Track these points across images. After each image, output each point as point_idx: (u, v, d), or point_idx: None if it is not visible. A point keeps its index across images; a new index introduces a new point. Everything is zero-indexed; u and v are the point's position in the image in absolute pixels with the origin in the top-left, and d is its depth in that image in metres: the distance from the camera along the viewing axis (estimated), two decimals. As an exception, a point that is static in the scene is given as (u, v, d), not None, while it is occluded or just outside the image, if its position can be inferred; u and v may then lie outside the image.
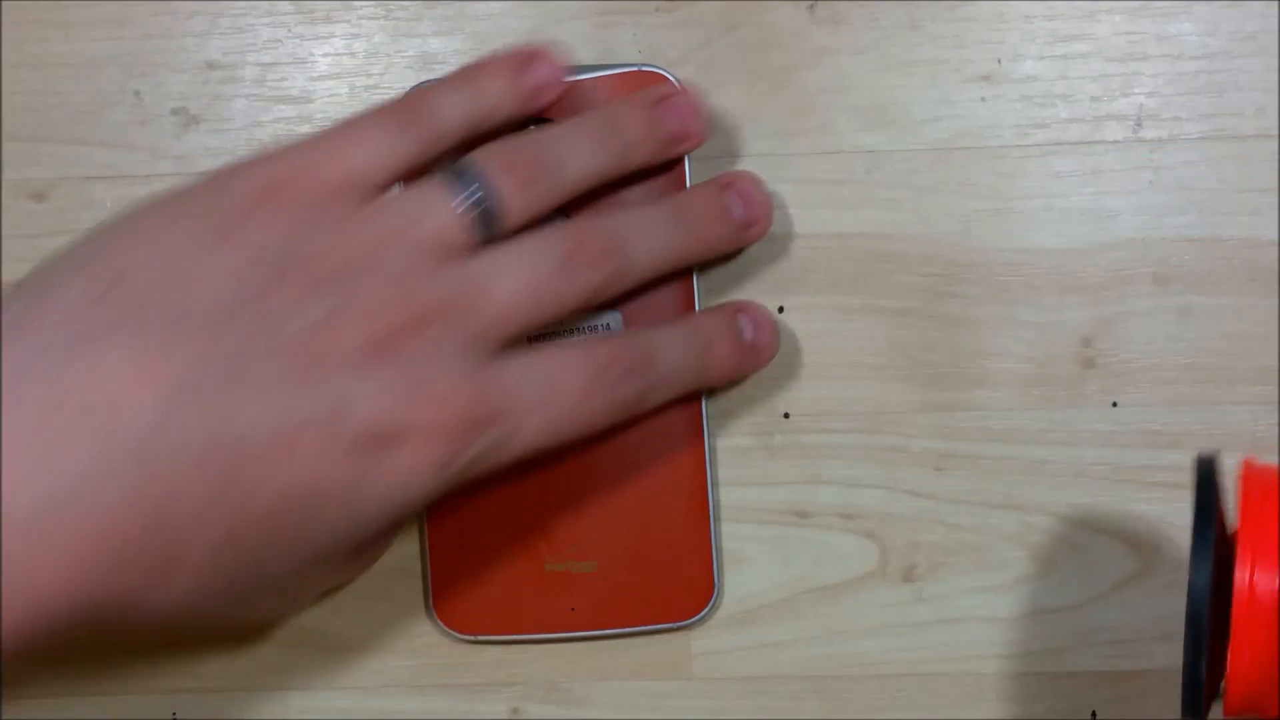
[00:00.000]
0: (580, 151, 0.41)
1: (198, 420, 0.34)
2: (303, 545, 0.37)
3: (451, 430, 0.37)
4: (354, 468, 0.36)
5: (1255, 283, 0.45)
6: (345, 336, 0.36)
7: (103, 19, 0.46)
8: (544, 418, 0.38)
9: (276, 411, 0.35)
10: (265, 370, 0.35)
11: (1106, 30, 0.46)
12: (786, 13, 0.46)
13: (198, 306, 0.36)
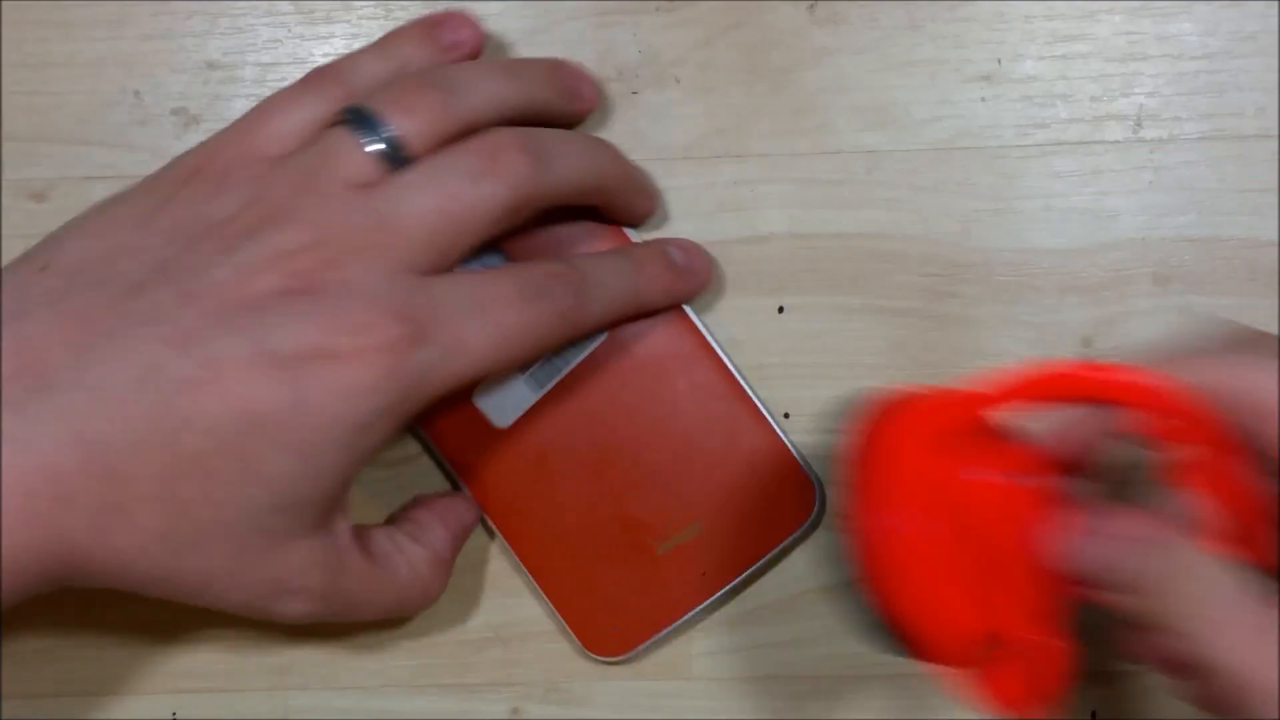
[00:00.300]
0: (478, 78, 0.42)
1: (118, 364, 0.36)
2: (250, 473, 0.37)
3: (379, 347, 0.37)
4: (287, 385, 0.37)
5: (1255, 283, 0.45)
6: (263, 281, 0.37)
7: (103, 19, 0.46)
8: (481, 328, 0.39)
9: (196, 348, 0.37)
10: (182, 316, 0.37)
11: (1106, 30, 0.46)
12: (786, 13, 0.46)
13: (118, 277, 0.38)
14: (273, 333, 0.37)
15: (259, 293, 0.37)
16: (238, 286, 0.37)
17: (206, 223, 0.39)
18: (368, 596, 0.42)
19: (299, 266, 0.38)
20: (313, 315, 0.37)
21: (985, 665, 0.32)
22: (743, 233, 0.46)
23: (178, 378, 0.36)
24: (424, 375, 0.38)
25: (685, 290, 0.45)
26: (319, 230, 0.38)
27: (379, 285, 0.38)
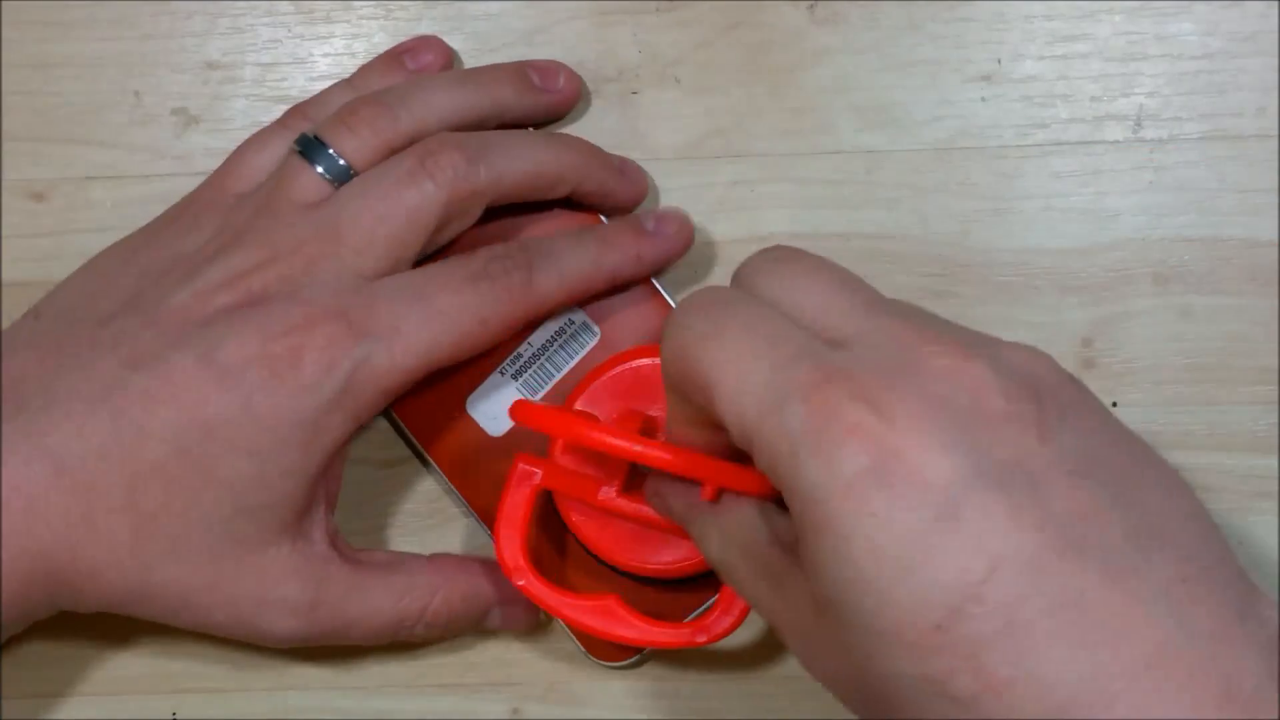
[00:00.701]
0: (424, 89, 0.43)
1: (81, 385, 0.39)
2: (209, 479, 0.39)
3: (316, 345, 0.39)
4: (235, 391, 0.39)
5: (1255, 283, 0.45)
6: (218, 300, 0.40)
7: (103, 19, 0.46)
8: (421, 316, 0.40)
9: (152, 364, 0.39)
10: (141, 339, 0.40)
11: (1106, 30, 0.46)
12: (786, 13, 0.46)
13: (93, 313, 0.41)
14: (219, 344, 0.39)
15: (212, 311, 0.40)
16: (195, 308, 0.40)
17: (177, 257, 0.42)
18: (359, 611, 0.42)
19: (251, 283, 0.40)
20: (255, 324, 0.39)
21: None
22: (743, 233, 0.46)
23: (134, 391, 0.39)
24: (365, 367, 0.40)
25: (655, 253, 0.44)
26: (270, 247, 0.40)
27: (321, 290, 0.40)
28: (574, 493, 0.42)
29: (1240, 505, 0.45)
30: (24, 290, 0.46)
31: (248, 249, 0.41)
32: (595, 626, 0.42)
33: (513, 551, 0.42)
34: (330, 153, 0.42)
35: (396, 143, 0.42)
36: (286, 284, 0.40)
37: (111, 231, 0.46)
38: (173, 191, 0.46)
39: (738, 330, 0.33)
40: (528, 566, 0.42)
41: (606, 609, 0.42)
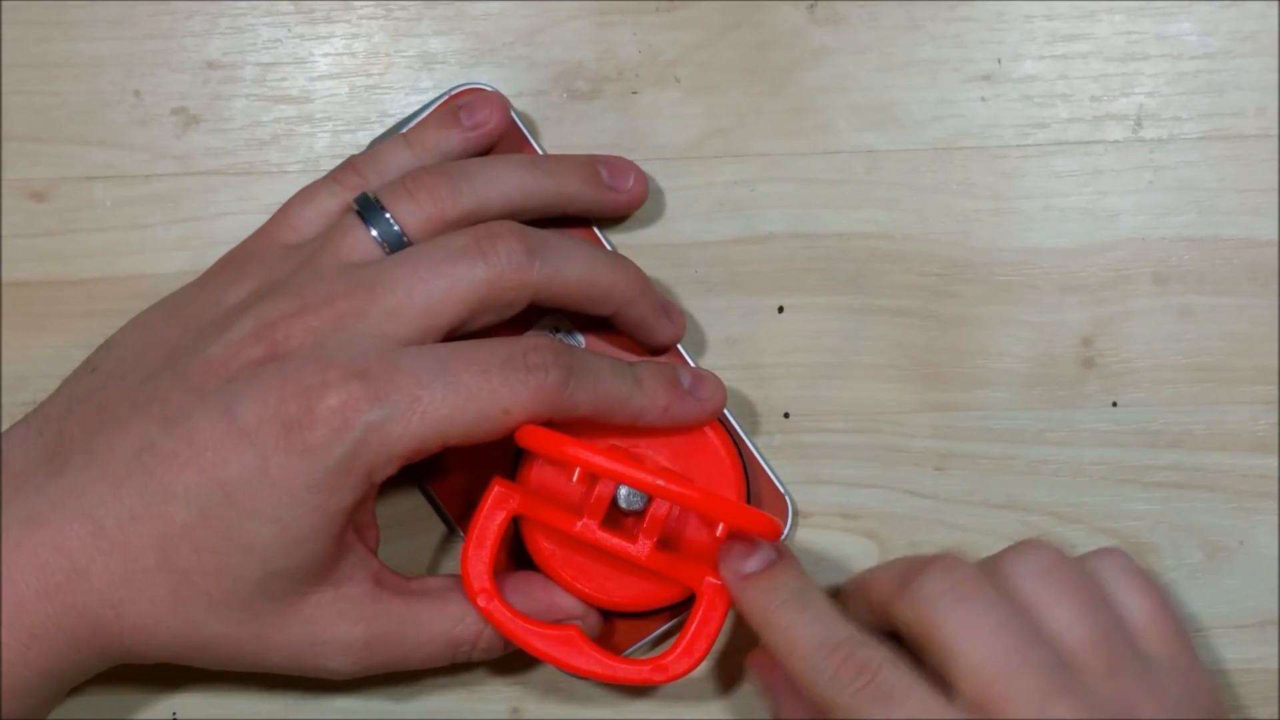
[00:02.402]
0: (491, 169, 0.42)
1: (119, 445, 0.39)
2: (234, 543, 0.38)
3: (331, 407, 0.38)
4: (252, 452, 0.38)
5: (1255, 283, 0.45)
6: (244, 352, 0.39)
7: (103, 19, 0.46)
8: (444, 393, 0.38)
9: (178, 423, 0.39)
10: (172, 395, 0.39)
11: (1106, 30, 0.46)
12: (786, 13, 0.46)
13: (139, 368, 0.41)
14: (238, 402, 0.38)
15: (239, 365, 0.39)
16: (224, 362, 0.39)
17: (220, 308, 0.41)
18: (415, 642, 0.41)
19: (276, 334, 0.39)
20: (274, 381, 0.38)
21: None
22: (743, 233, 0.46)
23: (163, 452, 0.39)
24: (378, 434, 0.38)
25: (683, 413, 0.42)
26: (301, 299, 0.40)
27: (345, 348, 0.39)
28: (551, 521, 0.42)
29: (1240, 505, 0.45)
30: (24, 290, 0.46)
31: (279, 299, 0.40)
32: (555, 656, 0.41)
33: (479, 572, 0.41)
34: (387, 216, 0.41)
35: (455, 218, 0.41)
36: (312, 338, 0.39)
37: (111, 231, 0.46)
38: (173, 191, 0.46)
39: (997, 621, 0.38)
40: (493, 590, 0.41)
41: (567, 639, 0.41)
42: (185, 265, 0.46)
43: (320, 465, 0.38)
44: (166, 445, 0.39)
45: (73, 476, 0.39)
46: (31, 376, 0.46)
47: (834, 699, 0.38)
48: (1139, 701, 0.38)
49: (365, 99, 0.46)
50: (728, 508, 0.40)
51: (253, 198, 0.46)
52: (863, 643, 0.39)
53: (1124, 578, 0.40)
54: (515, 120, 0.45)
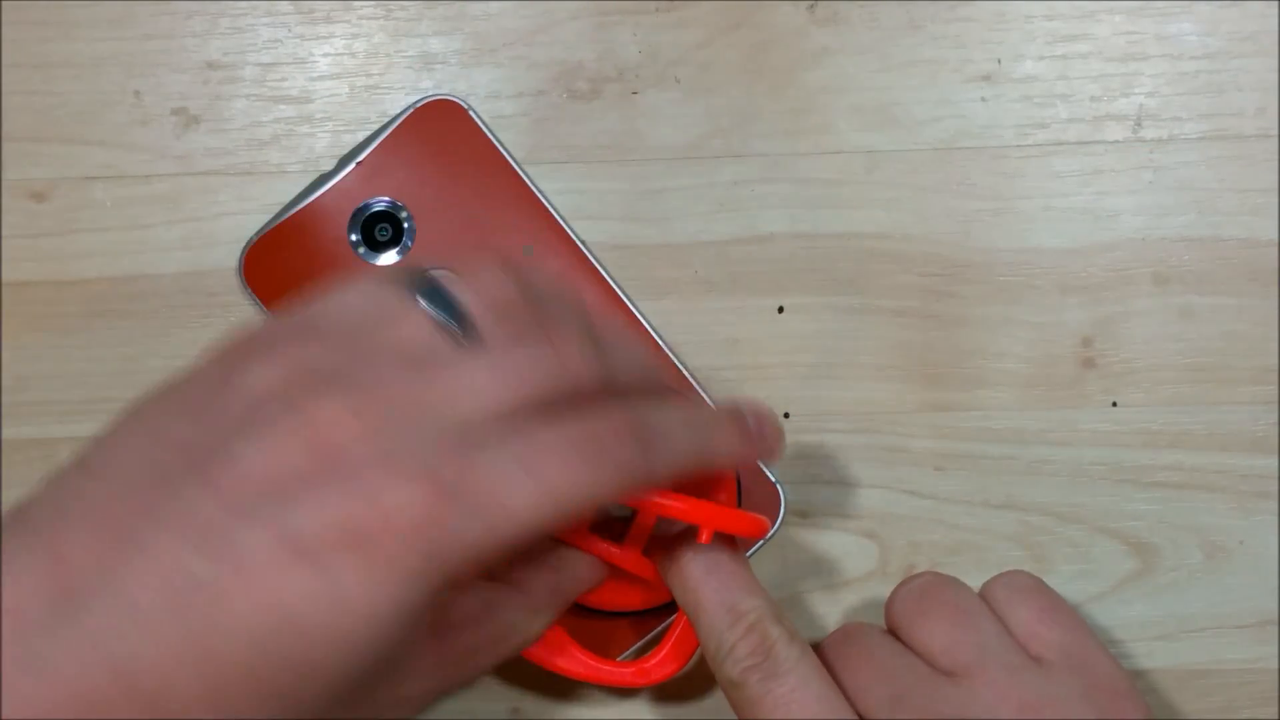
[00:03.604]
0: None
1: (148, 577, 0.33)
2: (302, 676, 0.33)
3: (411, 523, 0.33)
4: (319, 576, 0.33)
5: (1255, 283, 0.45)
6: (290, 456, 0.34)
7: (103, 19, 0.46)
8: (527, 491, 0.34)
9: (220, 547, 0.33)
10: (204, 509, 0.33)
11: (1106, 30, 0.46)
12: (786, 13, 0.46)
13: (149, 470, 0.34)
14: (296, 516, 0.33)
15: (284, 471, 0.33)
16: (263, 466, 0.33)
17: (245, 398, 0.35)
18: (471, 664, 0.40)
19: (326, 431, 0.34)
20: (341, 495, 0.33)
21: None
22: (743, 233, 0.46)
23: (207, 584, 0.33)
24: (460, 543, 0.34)
25: (752, 459, 0.41)
26: (354, 389, 0.34)
27: (414, 450, 0.34)
28: None
29: (1240, 505, 0.45)
30: (24, 290, 0.46)
31: (324, 388, 0.34)
32: (539, 655, 0.41)
33: None
34: (447, 294, 0.37)
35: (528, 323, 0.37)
36: (369, 435, 0.34)
37: (111, 231, 0.46)
38: (173, 191, 0.46)
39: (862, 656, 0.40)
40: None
41: (553, 639, 0.41)
42: (185, 265, 0.46)
43: (400, 584, 0.33)
44: (209, 576, 0.33)
45: (94, 619, 0.32)
46: (31, 376, 0.46)
47: (724, 669, 0.39)
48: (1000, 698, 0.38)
49: (365, 99, 0.46)
50: (710, 513, 0.39)
51: (253, 198, 0.46)
52: (769, 618, 0.39)
53: (1014, 592, 0.42)
54: (482, 128, 0.45)
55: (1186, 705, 0.45)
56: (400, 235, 0.45)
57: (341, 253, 0.45)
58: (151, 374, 0.46)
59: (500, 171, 0.45)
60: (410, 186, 0.45)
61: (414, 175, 0.45)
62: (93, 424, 0.43)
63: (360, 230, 0.45)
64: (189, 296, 0.46)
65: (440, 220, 0.45)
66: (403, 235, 0.45)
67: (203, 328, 0.46)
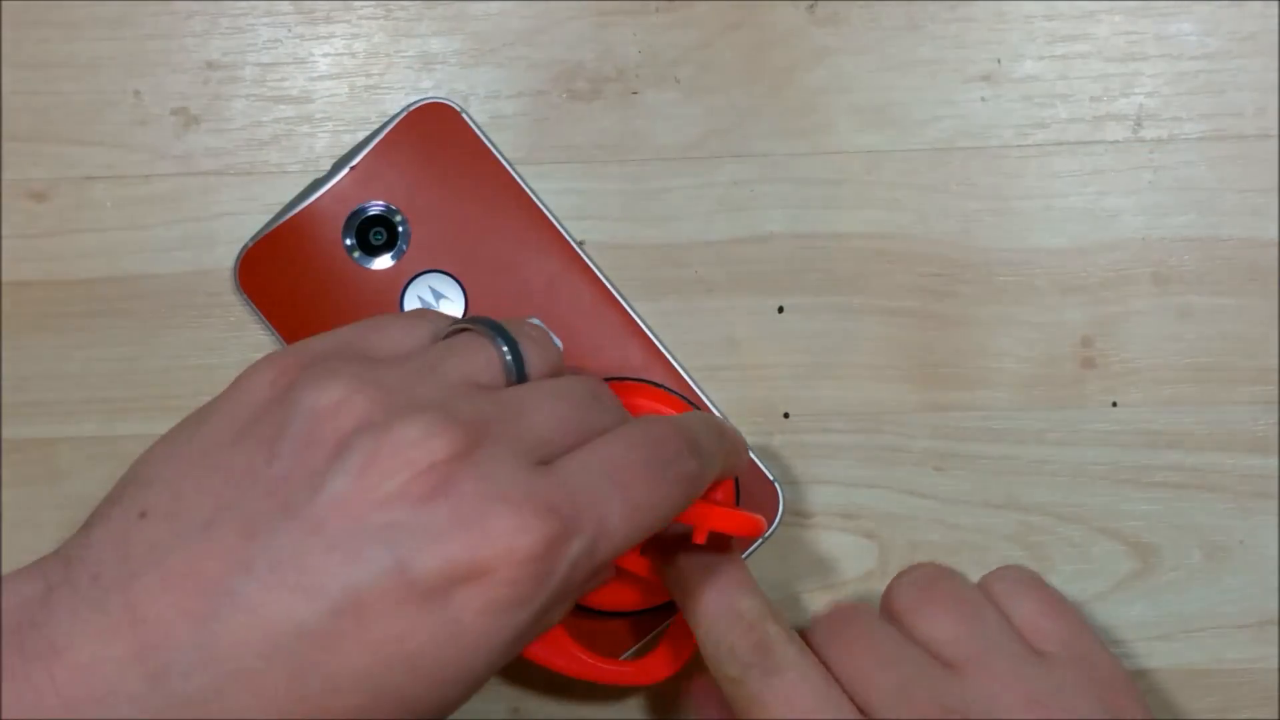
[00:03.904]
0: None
1: (248, 632, 0.31)
2: (415, 705, 0.33)
3: (530, 555, 0.32)
4: (439, 616, 0.32)
5: (1255, 283, 0.45)
6: (389, 483, 0.32)
7: (103, 19, 0.46)
8: (621, 507, 0.34)
9: (329, 592, 0.31)
10: (306, 552, 0.32)
11: (1106, 30, 0.46)
12: (786, 13, 0.46)
13: (226, 513, 0.32)
14: (412, 554, 0.32)
15: (385, 500, 0.32)
16: (361, 497, 0.32)
17: (310, 419, 0.33)
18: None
19: (423, 458, 0.32)
20: (450, 522, 0.32)
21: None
22: (743, 233, 0.46)
23: (316, 633, 0.31)
24: (578, 569, 0.34)
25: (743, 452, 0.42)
26: (442, 417, 0.33)
27: (514, 475, 0.33)
28: None
29: (1240, 505, 0.45)
30: (24, 290, 0.46)
31: (413, 417, 0.33)
32: (539, 655, 0.41)
33: None
34: (517, 350, 0.37)
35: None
36: (463, 464, 0.33)
37: (111, 231, 0.46)
38: (173, 191, 0.46)
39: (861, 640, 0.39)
40: None
41: (553, 639, 0.41)
42: (185, 265, 0.46)
43: (521, 618, 0.33)
44: (320, 623, 0.31)
45: (193, 683, 0.31)
46: (32, 376, 0.46)
47: (723, 667, 0.38)
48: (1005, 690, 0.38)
49: (365, 99, 0.46)
50: (707, 513, 0.39)
51: (253, 198, 0.46)
52: (767, 616, 0.39)
53: (1015, 585, 0.41)
54: (476, 130, 0.45)
55: (1186, 705, 0.45)
56: (395, 239, 0.45)
57: (336, 257, 0.45)
58: (151, 374, 0.46)
59: (494, 174, 0.45)
60: (405, 190, 0.45)
61: (408, 179, 0.45)
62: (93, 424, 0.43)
63: (355, 234, 0.45)
64: (189, 296, 0.46)
65: (435, 223, 0.45)
66: (397, 239, 0.45)
67: (203, 328, 0.46)
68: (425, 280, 0.45)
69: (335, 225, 0.45)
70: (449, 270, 0.45)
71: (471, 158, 0.45)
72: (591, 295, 0.45)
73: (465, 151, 0.45)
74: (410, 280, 0.45)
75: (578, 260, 0.45)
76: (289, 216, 0.45)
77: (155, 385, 0.46)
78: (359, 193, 0.45)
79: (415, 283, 0.45)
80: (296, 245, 0.45)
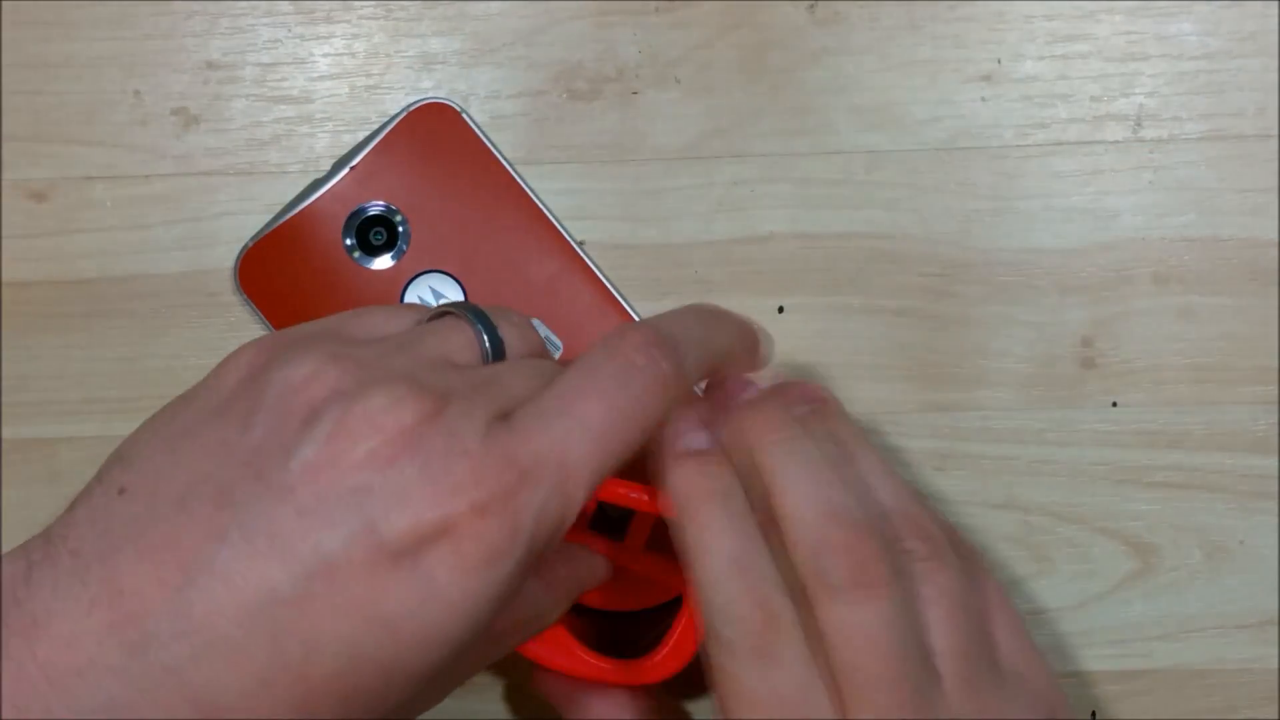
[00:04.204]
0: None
1: (223, 599, 0.31)
2: (392, 680, 0.33)
3: (496, 504, 0.33)
4: (412, 578, 0.32)
5: (1255, 283, 0.45)
6: (358, 448, 0.32)
7: (103, 19, 0.46)
8: (585, 437, 0.34)
9: (301, 556, 0.32)
10: (277, 518, 0.32)
11: (1106, 30, 0.46)
12: (786, 13, 0.46)
13: (202, 485, 0.33)
14: (381, 516, 0.32)
15: (354, 465, 0.32)
16: (330, 462, 0.32)
17: (289, 393, 0.34)
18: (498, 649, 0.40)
19: (391, 422, 0.33)
20: (416, 481, 0.32)
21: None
22: (743, 233, 0.46)
23: (290, 598, 0.31)
24: (545, 517, 0.34)
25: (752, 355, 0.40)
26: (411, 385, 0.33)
27: (477, 432, 0.33)
28: None
29: (1240, 505, 0.45)
30: (24, 290, 0.46)
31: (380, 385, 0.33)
32: (539, 655, 0.41)
33: None
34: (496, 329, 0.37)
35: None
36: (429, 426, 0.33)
37: (111, 231, 0.46)
38: (173, 191, 0.46)
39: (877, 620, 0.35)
40: None
41: (553, 636, 0.41)
42: (185, 265, 0.46)
43: (496, 574, 0.33)
44: (294, 588, 0.31)
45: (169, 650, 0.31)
46: (31, 376, 0.46)
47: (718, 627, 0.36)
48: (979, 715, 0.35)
49: (365, 99, 0.46)
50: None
51: (253, 198, 0.46)
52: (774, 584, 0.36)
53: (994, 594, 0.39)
54: (475, 130, 0.45)
55: (1186, 705, 0.45)
56: (395, 239, 0.45)
57: (336, 257, 0.45)
58: (151, 374, 0.46)
59: (494, 173, 0.45)
60: (404, 190, 0.45)
61: (408, 179, 0.45)
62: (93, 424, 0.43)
63: (355, 234, 0.45)
64: (189, 296, 0.46)
65: (435, 223, 0.45)
66: (397, 239, 0.45)
67: (202, 328, 0.46)
68: (425, 280, 0.45)
69: (335, 225, 0.45)
70: (449, 270, 0.45)
71: (471, 158, 0.45)
72: (591, 295, 0.45)
73: (465, 151, 0.45)
74: (410, 280, 0.45)
75: (578, 260, 0.45)
76: (289, 217, 0.45)
77: (155, 385, 0.46)
78: (359, 193, 0.45)
79: (415, 283, 0.45)
80: (297, 245, 0.45)
